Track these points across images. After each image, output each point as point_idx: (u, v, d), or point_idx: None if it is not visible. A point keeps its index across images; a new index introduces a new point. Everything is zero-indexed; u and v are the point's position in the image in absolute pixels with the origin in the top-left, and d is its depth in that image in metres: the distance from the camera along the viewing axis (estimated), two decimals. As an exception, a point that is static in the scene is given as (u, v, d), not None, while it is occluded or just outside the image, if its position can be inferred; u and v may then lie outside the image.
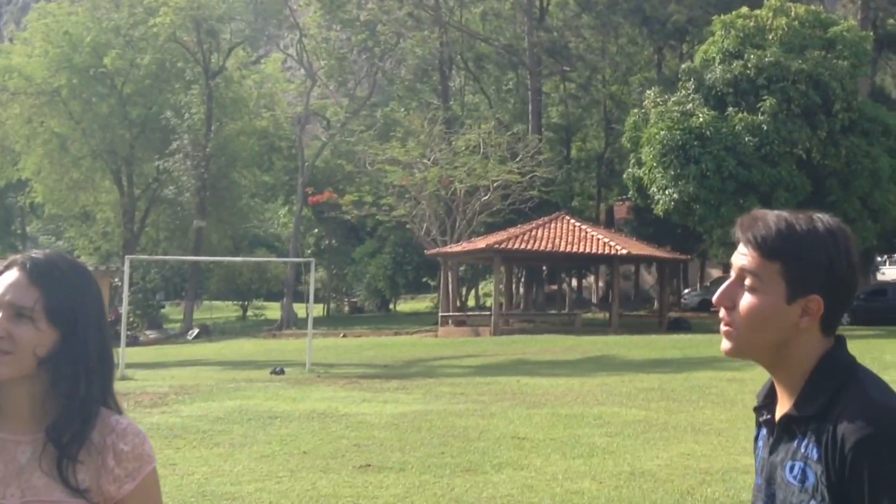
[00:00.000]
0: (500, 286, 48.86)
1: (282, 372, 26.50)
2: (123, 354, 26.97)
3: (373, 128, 58.11)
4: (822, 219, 2.22)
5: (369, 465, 12.19)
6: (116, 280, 55.77)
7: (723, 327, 2.27)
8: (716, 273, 68.62)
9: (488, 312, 47.58)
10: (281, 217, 74.97)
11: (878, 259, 61.72)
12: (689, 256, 53.95)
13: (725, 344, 2.27)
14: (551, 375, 24.07)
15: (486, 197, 50.02)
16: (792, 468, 2.18)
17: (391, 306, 78.28)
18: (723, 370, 23.42)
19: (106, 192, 63.45)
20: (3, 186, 68.76)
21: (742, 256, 2.24)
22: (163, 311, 71.50)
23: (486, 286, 72.15)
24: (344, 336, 48.57)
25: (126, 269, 28.84)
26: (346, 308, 78.78)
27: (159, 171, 61.19)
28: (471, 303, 69.66)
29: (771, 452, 2.26)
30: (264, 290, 75.62)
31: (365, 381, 23.73)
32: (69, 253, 73.19)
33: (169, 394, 21.22)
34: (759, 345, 2.23)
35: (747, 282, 2.21)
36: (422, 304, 79.01)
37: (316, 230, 71.66)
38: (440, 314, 48.72)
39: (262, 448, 13.73)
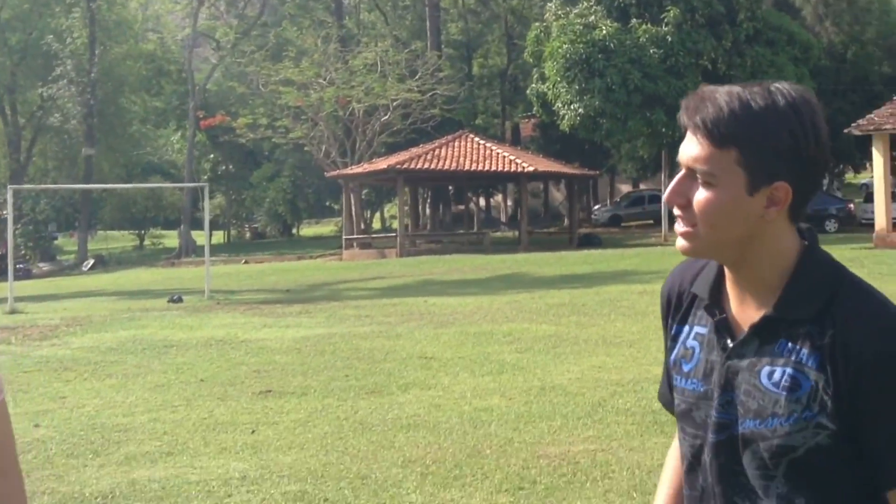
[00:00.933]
0: (405, 207, 48.58)
1: (179, 300, 26.02)
2: (12, 288, 26.22)
3: (264, 48, 56.79)
4: (783, 90, 1.89)
5: (270, 391, 11.91)
6: (4, 212, 54.35)
7: (678, 227, 1.96)
8: (625, 188, 69.10)
9: (394, 234, 47.31)
10: (174, 143, 73.54)
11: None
12: (597, 172, 54.08)
13: (682, 243, 1.96)
14: (460, 294, 23.95)
15: (386, 117, 49.53)
16: (771, 374, 1.89)
17: (294, 231, 77.60)
18: (634, 283, 23.53)
19: (-12, 122, 61.65)
20: None
21: (691, 146, 1.92)
22: (56, 242, 70.12)
23: (392, 208, 71.90)
24: (245, 262, 48.08)
25: (9, 199, 27.94)
26: (248, 234, 77.99)
27: (43, 98, 59.40)
28: (376, 225, 69.36)
29: (731, 356, 1.95)
30: (161, 218, 74.42)
31: (266, 307, 23.38)
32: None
33: (60, 326, 20.65)
34: (721, 243, 1.93)
35: (700, 175, 1.91)
36: (326, 228, 78.52)
37: (212, 155, 70.48)
38: (344, 237, 48.32)
39: (157, 378, 13.36)
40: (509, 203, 69.82)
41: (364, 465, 8.21)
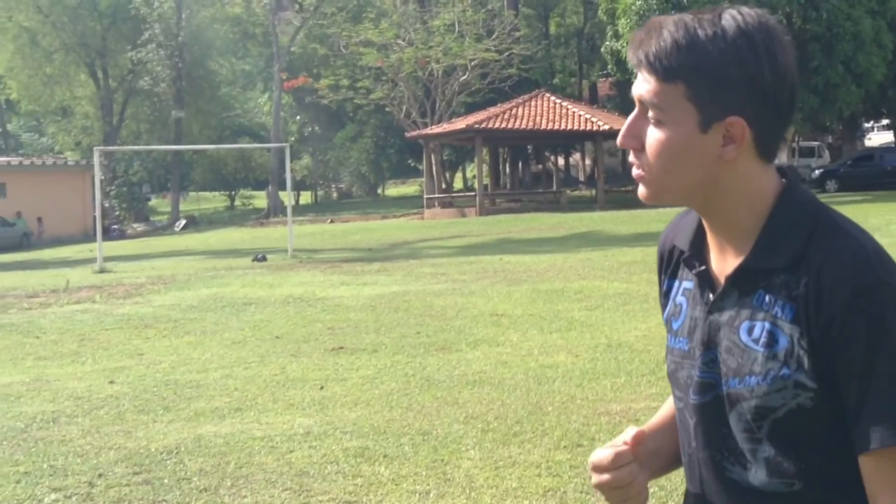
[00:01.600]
0: (484, 166, 48.37)
1: (263, 259, 26.16)
2: (100, 248, 26.54)
3: (345, 10, 56.68)
4: (735, 15, 1.70)
5: (342, 348, 11.89)
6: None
7: (634, 171, 1.78)
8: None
9: (474, 193, 47.18)
10: (263, 105, 73.93)
11: (865, 125, 61.17)
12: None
13: (641, 190, 1.79)
14: (535, 252, 23.79)
15: (465, 77, 49.26)
16: (751, 329, 1.71)
17: (379, 191, 77.79)
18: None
19: (82, 86, 62.19)
20: (-23, 83, 67.23)
21: (640, 82, 1.76)
22: (149, 203, 70.95)
23: (473, 168, 71.71)
24: (331, 222, 48.27)
25: (96, 160, 28.19)
26: (335, 194, 78.26)
27: (133, 62, 59.98)
28: (458, 185, 69.20)
29: (711, 311, 1.78)
30: (251, 179, 74.93)
31: (346, 265, 23.40)
32: (51, 150, 72.51)
33: (145, 284, 20.86)
34: (680, 188, 1.74)
35: (650, 113, 1.73)
36: (410, 188, 78.60)
37: (298, 117, 70.73)
38: (425, 196, 48.29)
39: (234, 335, 13.42)
40: (587, 162, 69.26)
41: (426, 422, 8.14)
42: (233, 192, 75.75)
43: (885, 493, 1.64)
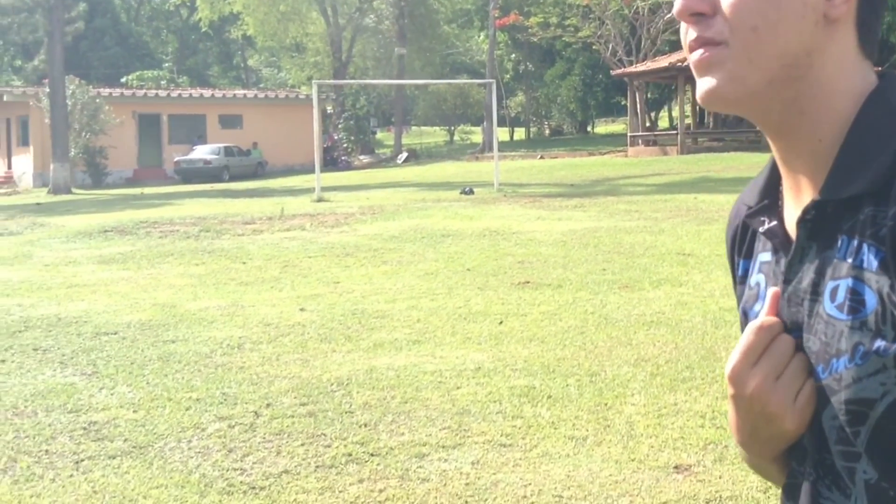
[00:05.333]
0: (687, 105, 46.87)
1: (471, 192, 25.96)
2: (318, 178, 26.78)
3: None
4: None
5: (528, 282, 11.51)
6: (329, 108, 55.91)
7: (698, 54, 1.17)
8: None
9: (676, 132, 45.82)
10: (481, 43, 73.51)
11: None
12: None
13: (708, 82, 1.17)
14: (730, 192, 22.73)
15: (669, 14, 47.54)
16: (834, 292, 1.10)
17: (588, 128, 76.63)
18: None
19: (313, 23, 62.76)
20: (218, 20, 68.56)
21: None
22: (376, 136, 71.70)
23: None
24: (541, 157, 47.83)
25: (314, 93, 28.33)
26: (547, 131, 77.51)
27: (360, 0, 60.34)
28: (664, 124, 67.42)
29: (789, 279, 1.17)
30: (470, 115, 74.90)
31: (546, 200, 22.94)
32: (285, 84, 73.92)
33: (355, 214, 20.92)
34: (767, 65, 1.13)
35: None
36: (618, 126, 77.22)
37: (513, 55, 70.09)
38: (629, 134, 47.18)
39: (428, 266, 13.21)
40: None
41: (596, 362, 7.70)
42: (452, 128, 75.89)
43: None
